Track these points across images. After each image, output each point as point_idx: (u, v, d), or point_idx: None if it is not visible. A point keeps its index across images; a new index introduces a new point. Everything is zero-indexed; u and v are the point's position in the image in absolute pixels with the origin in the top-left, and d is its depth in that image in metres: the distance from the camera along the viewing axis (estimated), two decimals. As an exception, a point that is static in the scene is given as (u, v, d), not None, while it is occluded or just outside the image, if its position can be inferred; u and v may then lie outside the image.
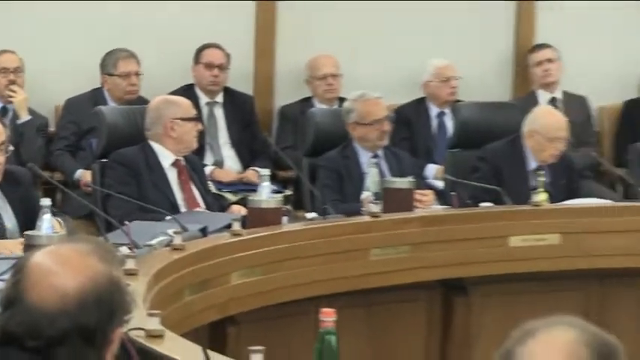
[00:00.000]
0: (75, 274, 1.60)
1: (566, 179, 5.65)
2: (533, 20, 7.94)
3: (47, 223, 3.71)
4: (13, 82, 6.41)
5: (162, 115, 5.38)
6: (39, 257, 1.63)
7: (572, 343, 1.29)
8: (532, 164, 5.97)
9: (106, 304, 1.62)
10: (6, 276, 2.24)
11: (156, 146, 5.38)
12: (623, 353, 1.35)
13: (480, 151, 6.04)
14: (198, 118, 5.76)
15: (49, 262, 1.62)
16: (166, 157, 5.38)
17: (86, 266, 1.62)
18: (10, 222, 4.21)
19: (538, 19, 7.98)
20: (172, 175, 5.39)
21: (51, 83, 6.98)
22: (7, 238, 4.10)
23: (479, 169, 5.88)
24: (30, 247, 3.35)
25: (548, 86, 7.37)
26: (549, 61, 7.23)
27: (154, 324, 3.05)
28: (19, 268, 1.62)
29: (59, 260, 1.62)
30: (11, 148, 4.64)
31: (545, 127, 5.93)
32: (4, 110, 6.53)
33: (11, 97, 6.38)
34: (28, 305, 1.57)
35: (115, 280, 1.68)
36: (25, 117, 6.35)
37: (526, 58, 7.62)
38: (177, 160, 5.43)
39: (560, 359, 1.28)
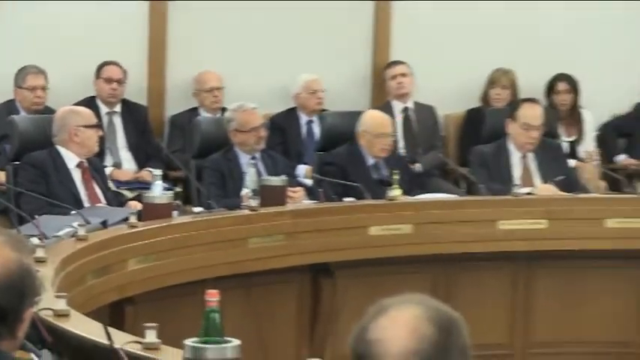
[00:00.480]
0: None
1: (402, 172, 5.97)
2: (389, 40, 8.35)
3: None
4: None
5: (67, 124, 5.71)
6: None
7: (416, 319, 1.37)
8: (370, 160, 6.45)
9: (17, 288, 1.74)
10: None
11: (62, 150, 5.66)
12: (464, 326, 1.48)
13: (328, 156, 6.51)
14: (99, 126, 6.12)
15: None
16: (71, 160, 5.63)
17: (0, 255, 1.78)
18: None
19: (393, 38, 8.35)
20: (77, 175, 5.66)
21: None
22: None
23: (328, 173, 6.28)
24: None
25: (401, 97, 7.76)
26: (402, 75, 7.68)
27: (61, 305, 3.28)
28: None
29: None
30: None
31: (371, 126, 6.41)
32: None
33: None
34: None
35: (26, 267, 1.84)
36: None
37: (382, 73, 7.99)
38: (81, 162, 5.70)
39: (405, 333, 1.36)
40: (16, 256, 1.83)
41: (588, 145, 8.11)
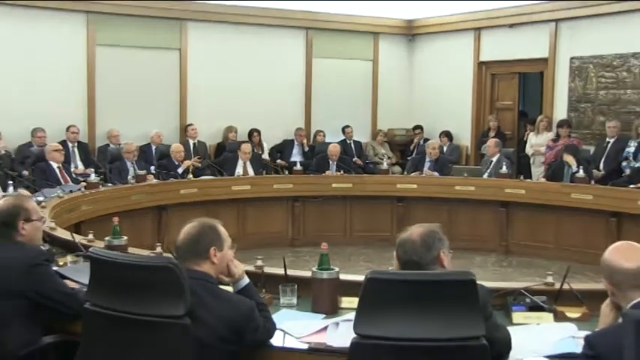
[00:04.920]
0: None
1: None
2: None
3: None
4: None
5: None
6: None
7: (419, 228, 2.68)
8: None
9: (197, 239, 2.70)
10: None
11: (51, 162, 7.70)
12: (441, 233, 2.69)
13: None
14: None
15: None
16: (54, 164, 7.75)
17: (190, 224, 2.68)
18: None
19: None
20: (58, 171, 7.76)
21: None
22: None
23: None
24: None
25: None
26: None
27: (52, 224, 4.73)
28: None
29: None
30: None
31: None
32: None
33: None
34: None
35: (207, 226, 2.73)
36: None
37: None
38: (59, 166, 7.77)
39: (415, 234, 2.66)
40: (196, 222, 2.76)
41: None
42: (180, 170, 9.07)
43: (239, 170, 9.12)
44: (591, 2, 9.98)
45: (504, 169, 8.87)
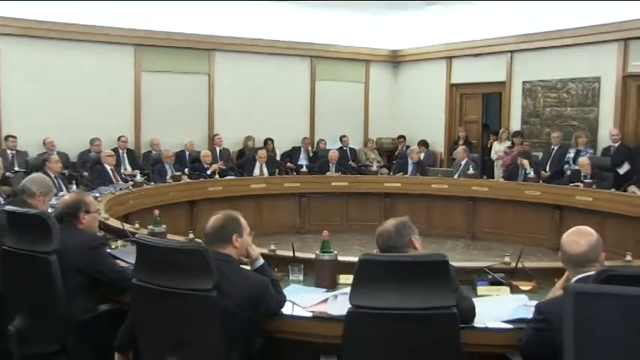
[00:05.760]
0: None
1: None
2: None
3: None
4: None
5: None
6: None
7: (393, 221, 2.58)
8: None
9: (223, 226, 2.66)
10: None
11: (105, 165, 7.79)
12: (411, 224, 2.55)
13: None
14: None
15: None
16: (107, 167, 7.79)
17: (216, 216, 2.63)
18: None
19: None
20: (110, 173, 7.86)
21: None
22: None
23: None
24: None
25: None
26: None
27: (105, 215, 4.80)
28: None
29: None
30: None
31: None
32: None
33: None
34: None
35: (230, 217, 2.70)
36: None
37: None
38: (111, 169, 7.82)
39: (390, 225, 2.58)
40: (221, 214, 2.73)
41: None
42: (209, 172, 9.02)
43: (256, 171, 9.10)
44: (538, 38, 10.05)
45: (471, 171, 8.86)
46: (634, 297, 1.47)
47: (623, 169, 8.39)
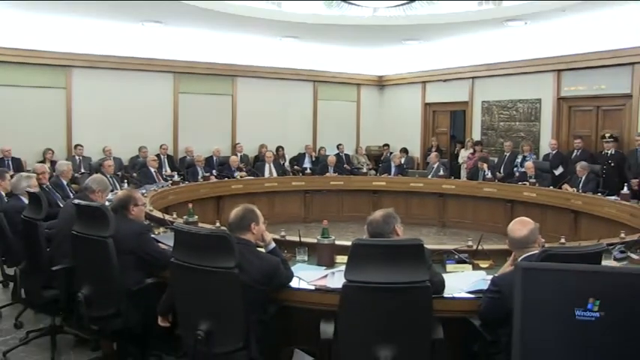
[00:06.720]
0: None
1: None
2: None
3: None
4: None
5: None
6: None
7: (381, 212, 2.31)
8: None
9: (242, 216, 2.57)
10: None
11: (150, 168, 7.67)
12: (395, 214, 2.44)
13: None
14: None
15: None
16: (152, 169, 7.68)
17: (236, 209, 2.47)
18: None
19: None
20: (154, 174, 7.71)
21: None
22: None
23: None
24: None
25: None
26: None
27: (150, 207, 4.69)
28: None
29: None
30: None
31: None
32: None
33: None
34: None
35: (248, 209, 2.57)
36: None
37: None
38: (155, 171, 7.66)
39: (379, 215, 2.31)
40: (241, 207, 2.62)
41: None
42: (236, 175, 8.77)
43: (267, 170, 8.94)
44: (494, 67, 9.92)
45: (442, 172, 8.75)
46: (565, 271, 1.51)
47: (559, 170, 8.31)
